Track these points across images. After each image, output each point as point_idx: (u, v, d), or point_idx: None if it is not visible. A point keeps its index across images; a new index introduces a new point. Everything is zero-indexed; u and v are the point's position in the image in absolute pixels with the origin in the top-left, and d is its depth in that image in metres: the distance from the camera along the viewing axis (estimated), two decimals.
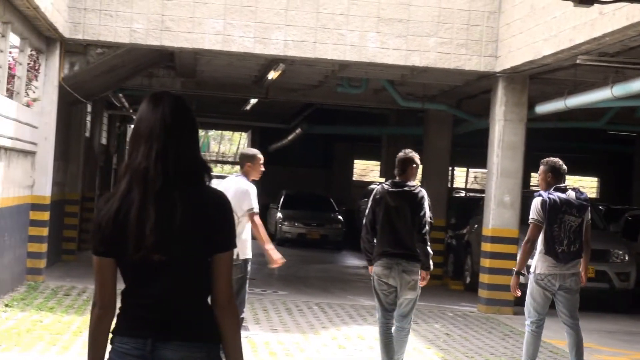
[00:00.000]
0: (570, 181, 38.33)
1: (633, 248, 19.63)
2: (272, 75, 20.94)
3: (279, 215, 32.25)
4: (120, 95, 28.53)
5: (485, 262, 17.51)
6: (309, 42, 17.04)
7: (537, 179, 10.71)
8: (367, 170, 41.81)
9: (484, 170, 21.72)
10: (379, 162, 35.35)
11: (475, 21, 17.30)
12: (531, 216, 10.34)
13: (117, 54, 17.86)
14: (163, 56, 20.87)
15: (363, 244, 10.12)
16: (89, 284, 16.68)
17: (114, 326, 3.94)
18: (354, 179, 40.75)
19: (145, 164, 3.87)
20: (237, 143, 61.14)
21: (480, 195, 24.30)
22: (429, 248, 9.99)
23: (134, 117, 31.83)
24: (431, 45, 17.23)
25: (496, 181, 17.60)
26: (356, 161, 40.96)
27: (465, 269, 21.55)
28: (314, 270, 24.34)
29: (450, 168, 31.76)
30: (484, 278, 17.51)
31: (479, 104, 22.11)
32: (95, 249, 3.93)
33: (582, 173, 39.38)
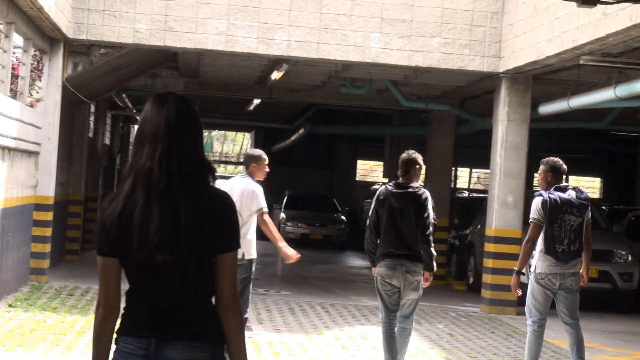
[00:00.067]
0: (574, 181, 38.32)
1: (636, 248, 19.58)
2: (275, 75, 20.94)
3: (282, 215, 32.22)
4: (124, 95, 28.55)
5: (489, 263, 17.50)
6: (312, 42, 17.05)
7: (537, 179, 10.72)
8: (370, 171, 41.77)
9: (487, 171, 21.71)
10: (382, 163, 35.34)
11: (478, 22, 17.31)
12: (532, 216, 10.36)
13: (120, 55, 17.87)
14: (166, 56, 20.88)
15: (367, 245, 10.11)
16: (92, 284, 16.69)
17: (118, 326, 3.95)
18: (357, 179, 40.69)
19: (150, 164, 3.87)
20: (240, 143, 61.17)
21: (483, 195, 24.29)
22: (433, 249, 10.00)
23: (137, 117, 31.84)
24: (434, 45, 17.23)
25: (499, 181, 17.59)
26: (359, 161, 40.91)
27: (469, 270, 21.53)
28: (317, 270, 24.34)
29: (454, 168, 31.77)
30: (487, 278, 17.51)
31: (482, 105, 22.11)
32: (99, 249, 3.94)
33: (585, 173, 39.36)
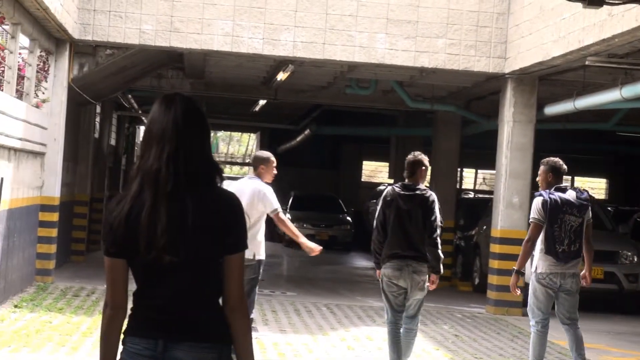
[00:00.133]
0: (579, 182, 38.32)
1: None
2: (281, 76, 20.94)
3: (288, 216, 32.20)
4: (130, 96, 28.55)
5: (494, 264, 17.49)
6: (317, 43, 17.05)
7: (538, 179, 10.75)
8: (375, 172, 41.76)
9: (492, 172, 21.68)
10: (387, 164, 35.32)
11: (484, 22, 17.30)
12: (532, 216, 10.38)
13: (126, 55, 17.88)
14: (172, 57, 20.89)
15: (374, 246, 10.09)
16: (98, 284, 16.70)
17: (125, 327, 3.96)
18: (362, 180, 40.70)
19: (157, 165, 3.87)
20: (245, 144, 61.21)
21: (489, 196, 24.29)
22: (440, 252, 10.01)
23: (143, 118, 31.91)
24: (440, 46, 17.23)
25: (505, 182, 17.58)
26: (365, 162, 40.92)
27: (474, 270, 21.52)
28: (322, 271, 24.34)
29: (459, 169, 31.74)
30: (493, 279, 17.50)
31: (488, 105, 22.09)
32: (106, 250, 3.94)
33: (591, 174, 39.35)
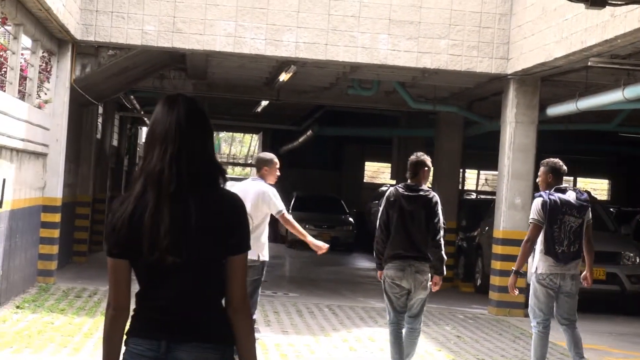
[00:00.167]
0: (582, 183, 38.31)
1: None
2: (283, 77, 20.94)
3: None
4: (132, 97, 28.55)
5: (496, 265, 17.48)
6: (320, 44, 17.05)
7: (538, 180, 10.76)
8: (377, 172, 41.76)
9: (495, 173, 21.70)
10: (389, 164, 35.32)
11: (486, 23, 17.29)
12: (531, 216, 10.39)
13: (128, 56, 17.89)
14: (174, 58, 20.89)
15: (377, 246, 10.09)
16: (100, 285, 16.70)
17: (128, 327, 3.96)
18: (364, 181, 40.69)
19: (160, 166, 3.87)
20: (248, 145, 61.24)
21: (491, 197, 24.28)
22: (444, 253, 10.02)
23: (145, 119, 31.91)
24: (442, 47, 17.22)
25: (507, 183, 17.57)
26: (367, 163, 40.91)
27: (476, 271, 21.51)
28: (324, 272, 24.34)
29: (461, 170, 31.74)
30: (495, 280, 17.49)
31: (490, 106, 22.08)
32: (109, 251, 3.94)
33: (593, 175, 39.34)
